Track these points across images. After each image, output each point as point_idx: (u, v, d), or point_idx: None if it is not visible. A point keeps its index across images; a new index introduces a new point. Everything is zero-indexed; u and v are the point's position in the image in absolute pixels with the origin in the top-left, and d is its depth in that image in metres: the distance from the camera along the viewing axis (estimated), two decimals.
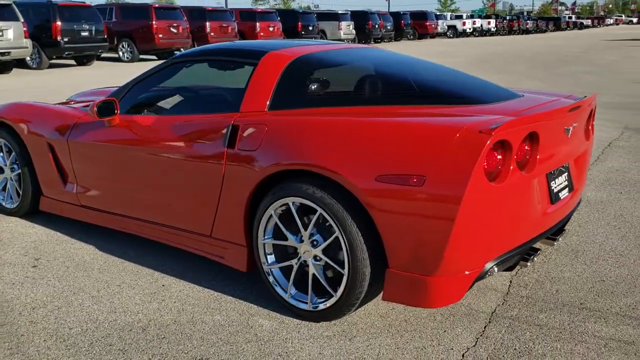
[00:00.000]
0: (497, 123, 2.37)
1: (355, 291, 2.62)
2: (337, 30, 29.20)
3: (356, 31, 30.48)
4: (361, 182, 2.48)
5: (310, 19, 27.42)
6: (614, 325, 2.76)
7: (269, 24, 24.62)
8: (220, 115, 3.11)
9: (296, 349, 2.58)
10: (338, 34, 29.30)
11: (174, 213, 3.31)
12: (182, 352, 2.57)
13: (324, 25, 28.77)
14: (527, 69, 16.90)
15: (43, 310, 2.95)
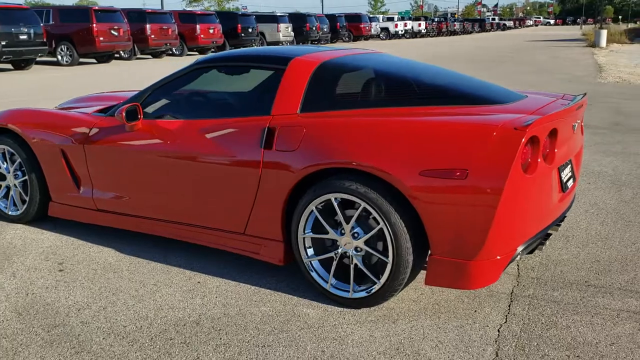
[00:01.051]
0: (527, 121, 2.66)
1: (399, 278, 2.85)
2: (276, 32, 29.37)
3: (294, 33, 30.72)
4: (406, 178, 2.72)
5: (249, 21, 27.46)
6: (620, 298, 3.12)
7: (209, 26, 24.54)
8: (252, 118, 3.27)
9: (347, 333, 2.79)
10: (277, 36, 29.48)
11: (205, 213, 3.45)
12: (243, 342, 2.73)
13: (263, 27, 28.88)
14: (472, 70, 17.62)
15: (89, 311, 3.04)
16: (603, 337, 2.74)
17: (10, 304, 3.12)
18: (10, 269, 3.56)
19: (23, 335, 2.81)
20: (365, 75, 3.47)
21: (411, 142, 2.76)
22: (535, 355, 2.60)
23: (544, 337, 2.75)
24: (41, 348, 2.70)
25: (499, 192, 2.59)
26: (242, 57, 3.64)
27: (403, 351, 2.64)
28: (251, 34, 27.58)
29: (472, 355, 2.61)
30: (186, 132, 3.45)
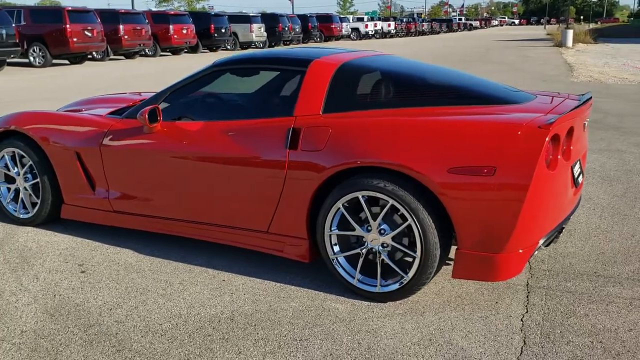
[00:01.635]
0: (550, 119, 2.80)
1: (426, 272, 2.97)
2: (248, 33, 29.32)
3: (267, 33, 30.71)
4: (434, 175, 2.84)
5: (222, 21, 27.38)
6: (630, 287, 3.29)
7: (182, 26, 24.41)
8: (276, 119, 3.35)
9: (379, 326, 2.90)
10: (250, 36, 29.45)
11: (228, 213, 3.51)
12: (280, 336, 2.82)
13: (235, 27, 28.80)
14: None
15: (121, 310, 3.08)
16: (620, 324, 2.89)
17: (40, 306, 3.14)
18: (31, 272, 3.57)
19: (61, 335, 2.84)
20: (384, 76, 3.58)
21: (439, 140, 2.88)
22: (561, 342, 2.74)
23: (565, 325, 2.89)
24: (82, 347, 2.74)
25: (525, 187, 2.72)
26: (261, 59, 3.71)
27: (435, 341, 2.76)
28: (224, 34, 27.51)
29: (501, 343, 2.74)
30: (208, 134, 3.51)
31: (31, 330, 2.90)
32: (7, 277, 3.50)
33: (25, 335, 2.84)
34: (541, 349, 2.69)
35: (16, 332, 2.87)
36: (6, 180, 4.40)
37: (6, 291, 3.31)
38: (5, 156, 4.29)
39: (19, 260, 3.74)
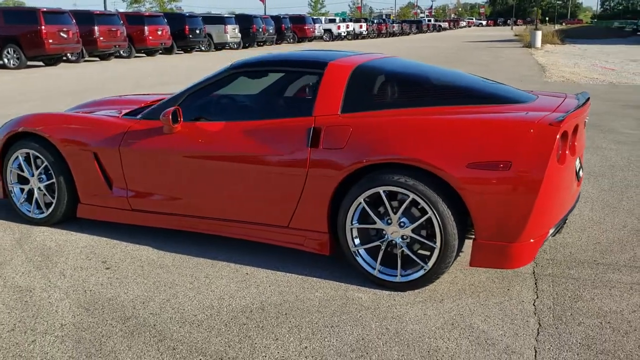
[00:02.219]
0: (559, 117, 3.02)
1: (445, 261, 3.17)
2: (223, 34, 29.34)
3: (241, 34, 30.76)
4: (454, 170, 3.03)
5: (196, 23, 27.36)
6: (629, 273, 3.54)
7: (157, 27, 24.34)
8: (296, 119, 3.51)
9: (403, 313, 3.09)
10: (224, 37, 29.47)
11: (249, 209, 3.66)
12: (312, 323, 2.98)
13: (210, 28, 28.79)
14: None
15: (155, 304, 3.21)
16: (625, 306, 3.13)
17: (73, 301, 3.25)
18: (56, 269, 3.67)
19: (100, 328, 2.96)
20: (397, 78, 3.77)
21: (457, 138, 3.08)
22: (573, 323, 2.97)
23: (574, 309, 3.12)
24: (124, 338, 2.86)
25: (539, 181, 2.94)
26: (279, 61, 3.87)
27: (458, 326, 2.96)
28: (199, 35, 27.48)
29: (518, 326, 2.94)
30: (228, 134, 3.65)
31: (70, 323, 3.01)
32: (34, 274, 3.59)
33: (66, 329, 2.96)
34: (555, 329, 2.90)
35: (56, 326, 2.98)
36: (19, 181, 4.47)
37: (36, 288, 3.41)
38: (19, 157, 4.36)
39: (41, 258, 3.83)
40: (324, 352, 2.73)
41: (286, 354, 2.72)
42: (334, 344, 2.80)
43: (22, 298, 3.29)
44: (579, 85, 13.78)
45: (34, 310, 3.14)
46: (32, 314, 3.11)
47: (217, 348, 2.77)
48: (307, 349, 2.76)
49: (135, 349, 2.77)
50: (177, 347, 2.79)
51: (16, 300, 3.26)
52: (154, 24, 24.18)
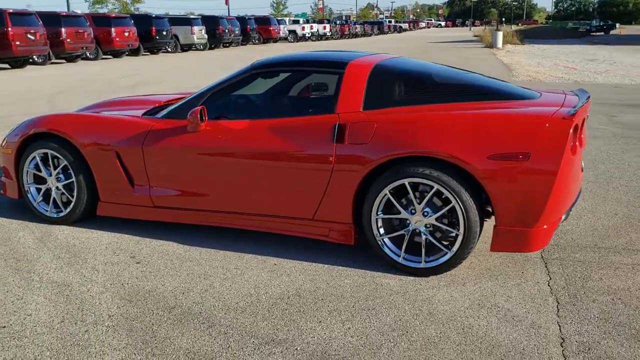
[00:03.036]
0: (570, 112, 3.29)
1: (468, 247, 3.40)
2: (190, 35, 29.24)
3: (207, 35, 30.69)
4: (476, 162, 3.27)
5: (163, 24, 27.20)
6: (628, 255, 3.84)
7: (124, 29, 24.13)
8: (320, 116, 3.70)
9: (430, 296, 3.31)
10: (191, 39, 29.37)
11: (274, 203, 3.83)
12: (349, 307, 3.18)
13: (177, 30, 28.66)
14: None
15: (194, 294, 3.36)
16: (631, 284, 3.42)
17: (113, 294, 3.37)
18: (87, 265, 3.77)
19: (149, 317, 3.10)
20: (413, 76, 3.99)
21: (479, 131, 3.31)
22: (588, 300, 3.23)
23: (586, 288, 3.39)
24: (174, 325, 3.01)
25: (555, 170, 3.20)
26: (299, 61, 4.05)
27: (484, 305, 3.19)
28: (165, 36, 27.33)
29: (539, 304, 3.20)
30: (253, 131, 3.81)
31: (117, 314, 3.13)
32: (67, 270, 3.69)
33: (114, 319, 3.08)
34: (573, 306, 3.17)
35: (104, 317, 3.10)
36: (35, 181, 4.54)
37: (73, 283, 3.51)
38: (36, 157, 4.43)
39: (69, 255, 3.93)
40: (367, 332, 2.93)
41: (332, 334, 2.91)
42: (375, 324, 3.00)
43: (62, 292, 3.39)
44: (545, 84, 14.29)
45: (78, 303, 3.25)
46: (77, 306, 3.22)
47: (266, 331, 2.94)
48: (350, 329, 2.95)
49: (187, 335, 2.92)
50: (227, 331, 2.95)
51: (57, 294, 3.37)
52: (121, 25, 23.96)
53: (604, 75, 16.44)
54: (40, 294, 3.36)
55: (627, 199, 5.01)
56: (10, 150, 4.55)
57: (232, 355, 2.74)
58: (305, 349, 2.78)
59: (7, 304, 3.25)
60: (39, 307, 3.21)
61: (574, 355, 2.71)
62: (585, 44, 38.79)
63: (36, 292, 3.39)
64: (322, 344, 2.82)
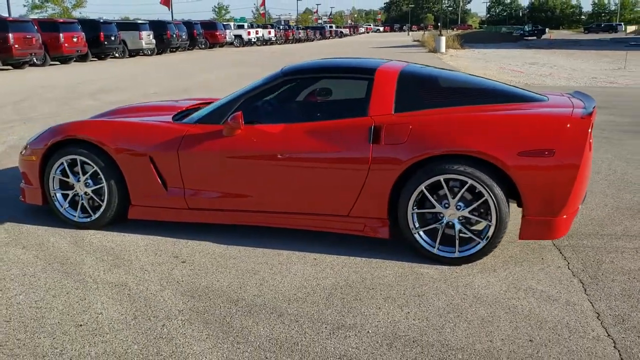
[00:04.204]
0: (586, 112, 3.68)
1: (499, 236, 3.74)
2: (138, 40, 28.90)
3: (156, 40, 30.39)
4: (507, 158, 3.61)
5: (111, 29, 26.81)
6: (629, 241, 4.27)
7: (72, 34, 23.69)
8: (353, 119, 3.97)
9: (470, 282, 3.62)
10: (139, 44, 29.04)
11: (310, 202, 4.07)
12: (400, 294, 3.45)
13: (124, 35, 28.27)
14: None
15: (251, 288, 3.56)
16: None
17: (172, 291, 3.53)
18: (134, 266, 3.91)
19: (218, 310, 3.29)
20: (434, 81, 4.32)
21: (508, 130, 3.66)
22: (607, 279, 3.63)
23: (602, 269, 3.78)
24: (246, 316, 3.21)
25: (577, 165, 3.58)
26: (329, 68, 4.31)
27: (520, 288, 3.53)
28: (114, 42, 26.95)
29: (566, 285, 3.56)
30: (290, 134, 4.04)
31: (186, 309, 3.31)
32: (117, 272, 3.81)
33: (185, 313, 3.26)
34: (597, 285, 3.55)
35: (174, 312, 3.27)
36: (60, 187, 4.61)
37: (129, 283, 3.65)
38: (64, 163, 4.51)
39: (111, 257, 4.05)
40: (426, 315, 3.22)
41: (395, 318, 3.18)
42: (430, 308, 3.29)
43: (121, 292, 3.53)
44: None
45: (142, 301, 3.40)
46: (143, 304, 3.37)
47: (334, 318, 3.18)
48: (409, 313, 3.23)
49: (262, 325, 3.13)
50: (298, 319, 3.17)
51: (118, 293, 3.50)
52: (69, 30, 23.50)
53: (550, 78, 17.36)
54: (101, 294, 3.49)
55: (611, 192, 5.49)
56: (35, 157, 4.61)
57: (312, 340, 2.97)
58: (376, 332, 3.04)
59: (73, 305, 3.37)
60: (106, 306, 3.34)
61: (612, 327, 3.07)
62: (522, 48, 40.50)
63: (96, 293, 3.51)
64: (389, 327, 3.09)
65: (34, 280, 3.70)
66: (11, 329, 3.11)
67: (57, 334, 3.06)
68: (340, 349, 2.88)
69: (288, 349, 2.90)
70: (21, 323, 3.17)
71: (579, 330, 3.04)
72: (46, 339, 3.01)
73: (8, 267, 3.90)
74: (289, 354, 2.85)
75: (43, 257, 4.07)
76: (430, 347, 2.89)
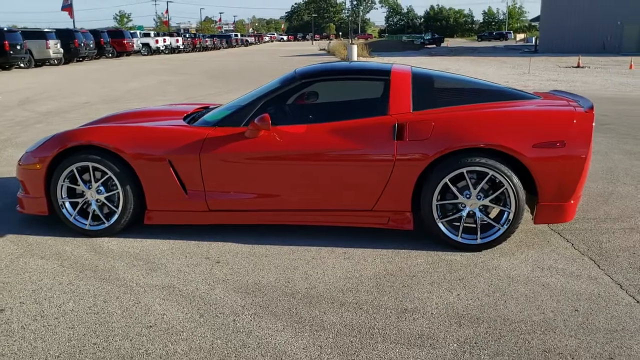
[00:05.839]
0: (588, 106, 4.11)
1: (517, 222, 4.08)
2: (45, 49, 27.64)
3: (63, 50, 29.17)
4: (525, 150, 3.96)
5: (16, 38, 25.45)
6: (614, 223, 4.75)
7: None
8: (375, 118, 4.19)
9: (497, 265, 3.93)
10: (47, 53, 27.79)
11: (336, 199, 4.24)
12: (441, 279, 3.70)
13: (30, 44, 26.93)
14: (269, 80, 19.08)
15: (299, 281, 3.68)
16: (634, 243, 4.30)
17: (224, 289, 3.59)
18: (170, 269, 3.91)
19: (280, 303, 3.39)
20: (444, 81, 4.63)
21: (523, 125, 4.02)
22: (613, 256, 4.05)
23: (603, 249, 4.22)
24: (310, 307, 3.33)
25: (585, 155, 3.98)
26: (345, 70, 4.53)
27: (543, 267, 3.88)
28: (20, 51, 25.63)
29: (580, 262, 3.95)
30: (313, 134, 4.20)
31: (248, 304, 3.39)
32: (156, 275, 3.81)
33: (250, 308, 3.34)
34: (606, 261, 3.96)
35: (238, 308, 3.34)
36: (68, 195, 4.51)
37: (176, 285, 3.66)
38: (74, 170, 4.42)
39: (142, 262, 4.02)
40: (474, 295, 3.48)
41: (449, 300, 3.42)
42: (475, 289, 3.56)
43: (172, 293, 3.54)
44: None
45: (199, 300, 3.44)
46: (201, 302, 3.42)
47: (393, 303, 3.38)
48: (460, 295, 3.49)
49: (330, 313, 3.27)
50: (361, 306, 3.34)
51: (170, 294, 3.52)
52: None
53: None
54: (154, 297, 3.49)
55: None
56: (40, 165, 4.48)
57: (384, 324, 3.15)
58: (439, 312, 3.27)
59: (130, 308, 3.36)
60: (165, 307, 3.36)
61: (638, 295, 3.47)
62: (426, 56, 42.24)
63: (148, 296, 3.51)
64: (448, 308, 3.33)
65: (73, 288, 3.63)
66: (81, 335, 3.07)
67: (131, 335, 3.06)
68: (415, 330, 3.09)
69: (367, 333, 3.06)
70: (87, 329, 3.13)
71: (612, 299, 3.41)
72: (123, 341, 3.00)
73: (38, 278, 3.79)
74: (370, 337, 3.02)
75: (69, 265, 3.98)
76: (495, 322, 3.16)
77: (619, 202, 5.31)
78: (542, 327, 3.10)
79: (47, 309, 3.36)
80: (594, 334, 3.03)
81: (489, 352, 2.87)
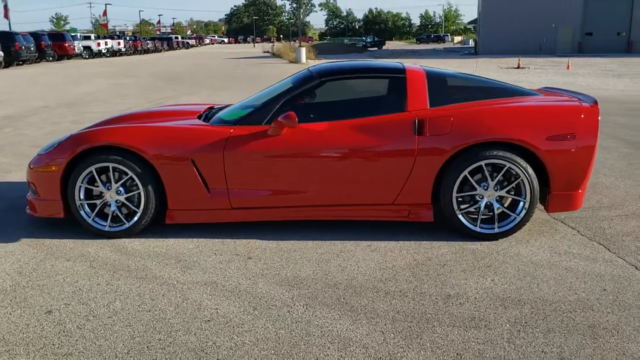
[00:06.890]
0: (593, 101, 4.39)
1: (531, 212, 4.32)
2: None
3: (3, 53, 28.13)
4: (539, 143, 4.20)
5: None
6: (610, 210, 5.07)
7: None
8: (395, 114, 4.35)
9: (517, 252, 4.15)
10: None
11: (358, 193, 4.37)
12: (470, 267, 3.89)
13: None
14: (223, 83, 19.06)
15: (335, 274, 3.79)
16: (634, 228, 4.61)
17: (265, 283, 3.66)
18: (205, 266, 3.95)
19: (327, 294, 3.50)
20: (455, 79, 4.83)
21: (537, 119, 4.26)
22: (619, 240, 4.34)
23: (608, 234, 4.51)
24: (357, 295, 3.45)
25: (593, 146, 4.26)
26: (362, 69, 4.67)
27: (560, 252, 4.13)
28: None
29: (591, 247, 4.22)
30: (335, 131, 4.32)
31: (296, 295, 3.48)
32: (193, 273, 3.84)
33: (299, 300, 3.43)
34: (614, 245, 4.25)
35: (287, 300, 3.43)
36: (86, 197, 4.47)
37: (217, 282, 3.70)
38: (92, 171, 4.39)
39: (174, 261, 4.04)
40: (507, 280, 3.68)
41: (485, 285, 3.61)
42: (506, 275, 3.76)
43: (216, 289, 3.59)
44: None
45: (245, 294, 3.51)
46: (250, 296, 3.48)
47: (435, 290, 3.54)
48: (494, 280, 3.68)
49: (379, 301, 3.39)
50: (407, 294, 3.49)
51: (214, 290, 3.56)
52: None
53: None
54: (199, 293, 3.53)
55: None
56: (56, 167, 4.42)
57: (435, 309, 3.31)
58: (482, 297, 3.45)
59: (180, 304, 3.39)
60: (215, 303, 3.41)
61: None
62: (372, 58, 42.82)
63: (193, 292, 3.55)
64: (487, 292, 3.51)
65: (114, 288, 3.63)
66: (142, 332, 3.09)
67: (193, 330, 3.10)
68: (466, 313, 3.25)
69: (421, 318, 3.21)
70: (146, 326, 3.15)
71: (633, 278, 3.68)
72: (188, 335, 3.04)
73: (72, 279, 3.76)
74: (427, 322, 3.16)
75: (99, 267, 3.96)
76: (536, 303, 3.36)
77: (607, 192, 5.66)
78: (580, 306, 3.32)
79: (95, 309, 3.35)
80: (629, 309, 3.28)
81: (541, 329, 3.07)
